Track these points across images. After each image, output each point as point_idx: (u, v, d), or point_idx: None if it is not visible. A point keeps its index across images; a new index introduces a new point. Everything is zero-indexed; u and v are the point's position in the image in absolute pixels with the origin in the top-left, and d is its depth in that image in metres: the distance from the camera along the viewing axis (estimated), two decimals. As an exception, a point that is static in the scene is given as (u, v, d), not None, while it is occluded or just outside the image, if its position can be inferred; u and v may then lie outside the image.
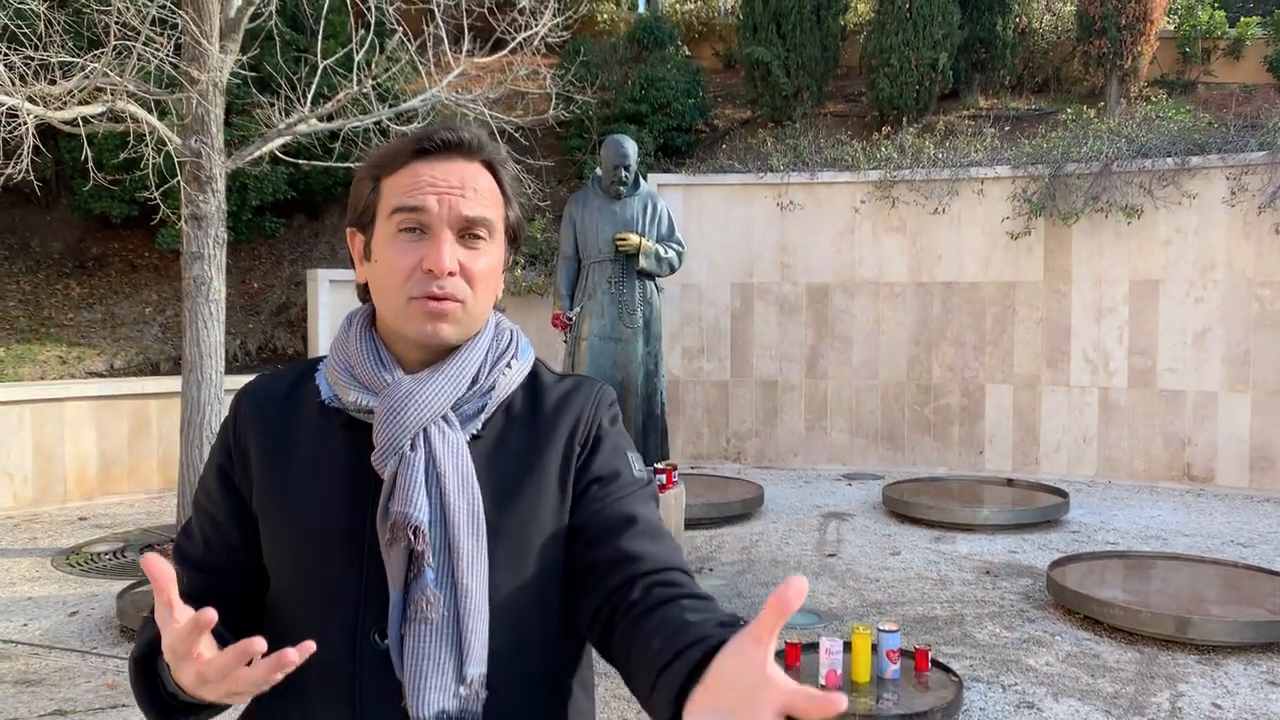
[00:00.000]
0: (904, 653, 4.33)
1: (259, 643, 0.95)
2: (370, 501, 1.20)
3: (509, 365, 1.28)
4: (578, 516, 1.26)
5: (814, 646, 4.34)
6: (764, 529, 7.23)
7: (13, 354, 8.76)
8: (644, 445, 5.97)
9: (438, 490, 1.18)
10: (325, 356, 1.33)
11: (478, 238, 1.23)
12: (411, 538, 1.15)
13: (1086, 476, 9.18)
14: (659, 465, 5.88)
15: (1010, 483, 8.45)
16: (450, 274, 1.19)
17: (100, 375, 9.00)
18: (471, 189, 1.23)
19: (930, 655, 4.28)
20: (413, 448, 1.18)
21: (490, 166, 1.27)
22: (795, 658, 4.26)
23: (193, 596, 1.23)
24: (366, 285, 1.29)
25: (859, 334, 9.86)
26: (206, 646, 1.01)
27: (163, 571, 0.96)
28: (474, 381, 1.25)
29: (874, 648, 4.18)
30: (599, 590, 1.20)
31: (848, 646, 4.25)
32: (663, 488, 5.75)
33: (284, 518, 1.23)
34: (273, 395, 1.31)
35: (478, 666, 1.16)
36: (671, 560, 1.22)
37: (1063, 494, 7.69)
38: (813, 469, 9.78)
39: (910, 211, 9.68)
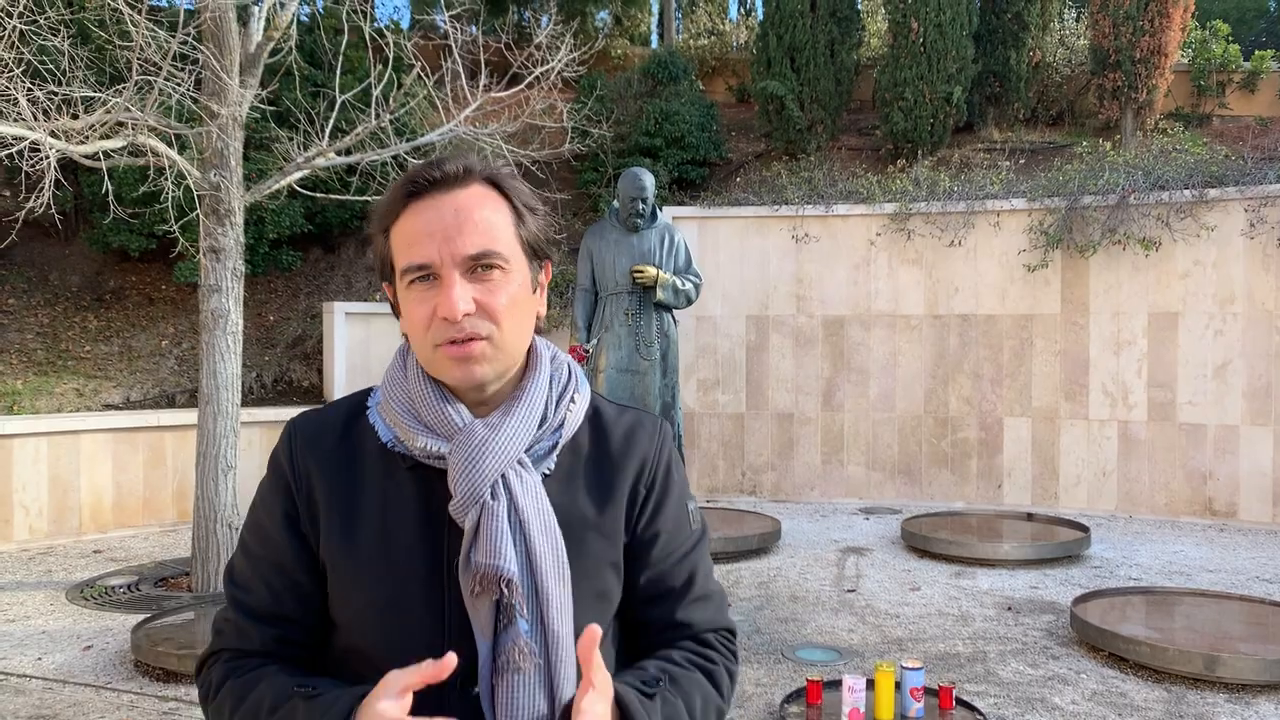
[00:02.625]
0: (928, 690, 4.26)
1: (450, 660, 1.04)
2: (447, 548, 1.18)
3: (573, 400, 1.27)
4: (639, 571, 1.26)
5: (836, 684, 4.27)
6: (781, 564, 7.16)
7: (30, 386, 8.79)
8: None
9: (522, 537, 1.16)
10: (371, 390, 1.31)
11: (490, 268, 1.18)
12: (504, 590, 1.13)
13: (1107, 511, 9.07)
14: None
15: (1030, 517, 8.36)
16: (466, 315, 1.16)
17: (116, 408, 9.02)
18: (470, 223, 1.18)
19: (954, 693, 4.21)
20: (493, 496, 1.16)
21: (494, 183, 1.23)
22: (817, 695, 4.19)
23: (266, 653, 1.21)
24: None
25: (875, 367, 9.82)
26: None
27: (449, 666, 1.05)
28: (543, 420, 1.23)
29: (897, 685, 4.12)
30: (643, 641, 1.25)
31: (870, 684, 4.18)
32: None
33: (356, 566, 1.20)
34: (326, 434, 1.27)
35: None
36: (715, 622, 1.32)
37: (1084, 529, 7.60)
38: (829, 503, 9.71)
39: (926, 244, 9.66)
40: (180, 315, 10.36)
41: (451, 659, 1.01)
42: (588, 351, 5.93)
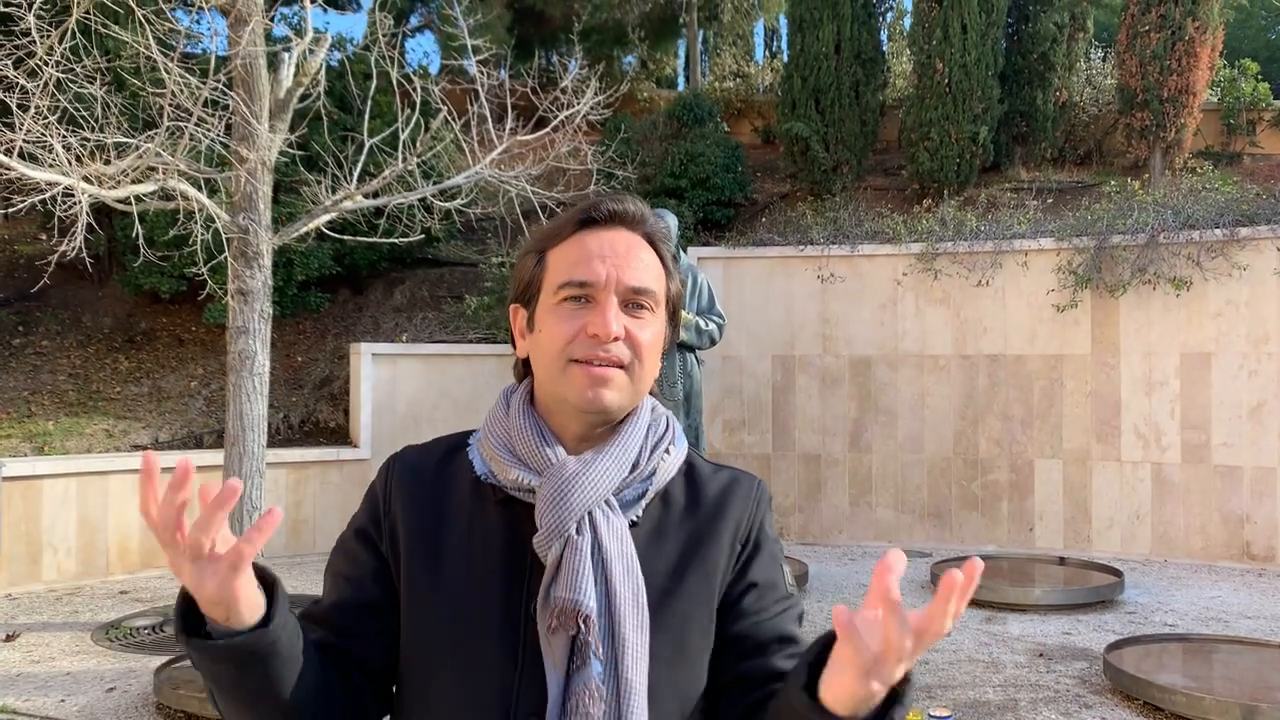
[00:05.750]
0: (956, 740, 4.16)
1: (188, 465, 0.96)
2: (528, 584, 1.18)
3: (667, 451, 1.26)
4: (732, 624, 1.25)
5: (862, 733, 4.18)
6: (808, 608, 7.06)
7: (61, 427, 8.88)
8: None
9: (603, 577, 1.16)
10: (474, 431, 1.33)
11: (642, 307, 1.23)
12: (582, 626, 1.13)
13: (1141, 555, 8.90)
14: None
15: (1062, 561, 8.21)
16: (616, 339, 1.18)
17: (145, 448, 9.09)
18: (638, 259, 1.23)
19: (984, 743, 4.11)
20: (578, 531, 1.16)
21: (651, 240, 1.27)
22: (842, 744, 4.10)
23: (307, 649, 1.21)
24: (525, 361, 1.30)
25: (903, 407, 9.73)
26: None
27: (187, 468, 0.98)
28: (634, 465, 1.23)
29: (925, 735, 4.02)
30: (745, 700, 1.20)
31: (897, 733, 4.08)
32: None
33: (435, 594, 1.21)
34: (424, 466, 1.29)
35: None
36: None
37: (1117, 573, 7.45)
38: (858, 546, 9.59)
39: (953, 284, 9.61)
40: (210, 356, 10.46)
41: (234, 484, 1.00)
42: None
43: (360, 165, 6.96)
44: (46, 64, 5.83)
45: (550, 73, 8.29)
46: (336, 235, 7.63)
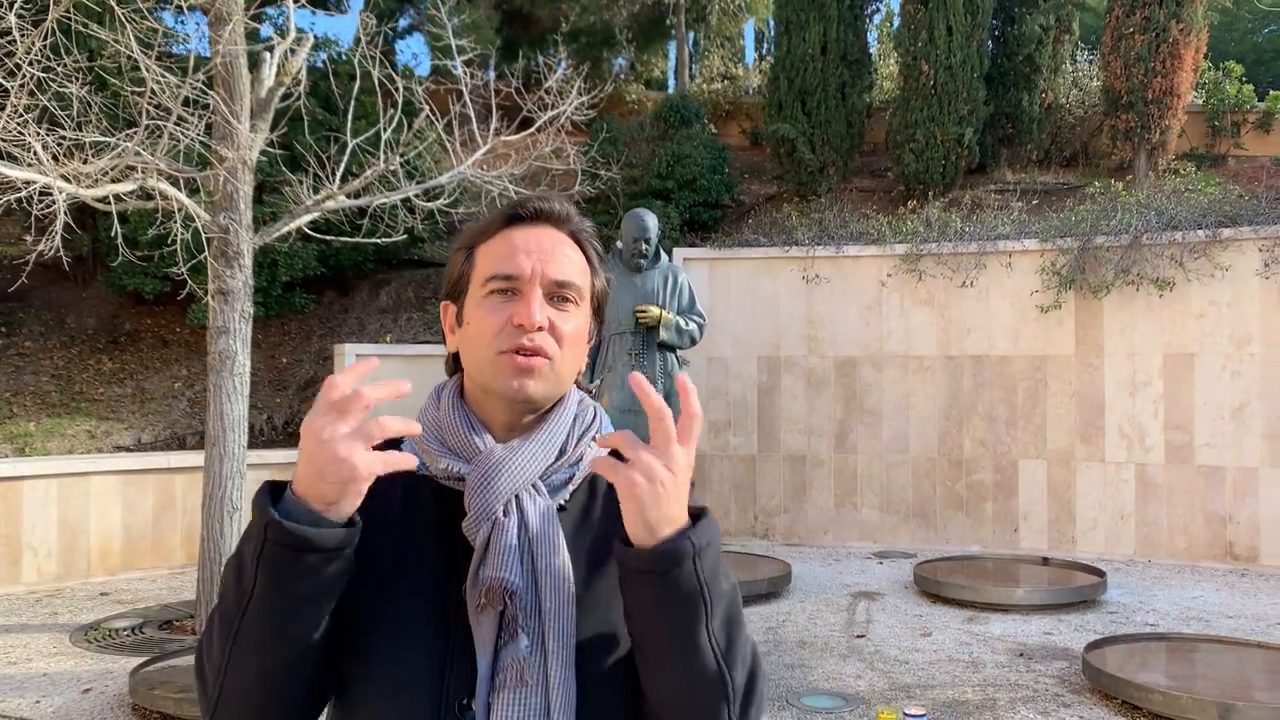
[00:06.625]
0: (933, 739, 4.15)
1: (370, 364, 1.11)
2: (459, 569, 1.22)
3: (594, 439, 1.31)
4: None
5: (838, 732, 4.18)
6: (791, 608, 7.06)
7: (43, 428, 8.83)
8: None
9: (529, 556, 1.20)
10: None
11: (566, 300, 1.28)
12: (508, 602, 1.17)
13: (1125, 555, 8.92)
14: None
15: (1046, 561, 8.22)
16: (540, 329, 1.23)
17: (128, 450, 9.05)
18: (563, 254, 1.29)
19: (960, 742, 4.11)
20: (505, 514, 1.21)
21: (577, 238, 1.33)
22: (819, 744, 4.09)
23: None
24: (454, 357, 1.35)
25: (888, 408, 9.74)
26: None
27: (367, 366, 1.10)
28: (561, 452, 1.27)
29: (901, 734, 4.01)
30: None
31: (873, 732, 4.09)
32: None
33: (370, 584, 1.23)
34: None
35: None
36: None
37: (1100, 573, 7.46)
38: (843, 546, 9.59)
39: (938, 284, 9.62)
40: (194, 357, 10.42)
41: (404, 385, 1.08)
42: (590, 392, 5.91)
43: (343, 165, 6.94)
44: (23, 63, 5.80)
45: (537, 74, 8.28)
46: (320, 236, 7.60)
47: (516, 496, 1.22)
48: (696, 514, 1.17)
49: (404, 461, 1.09)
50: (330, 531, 1.08)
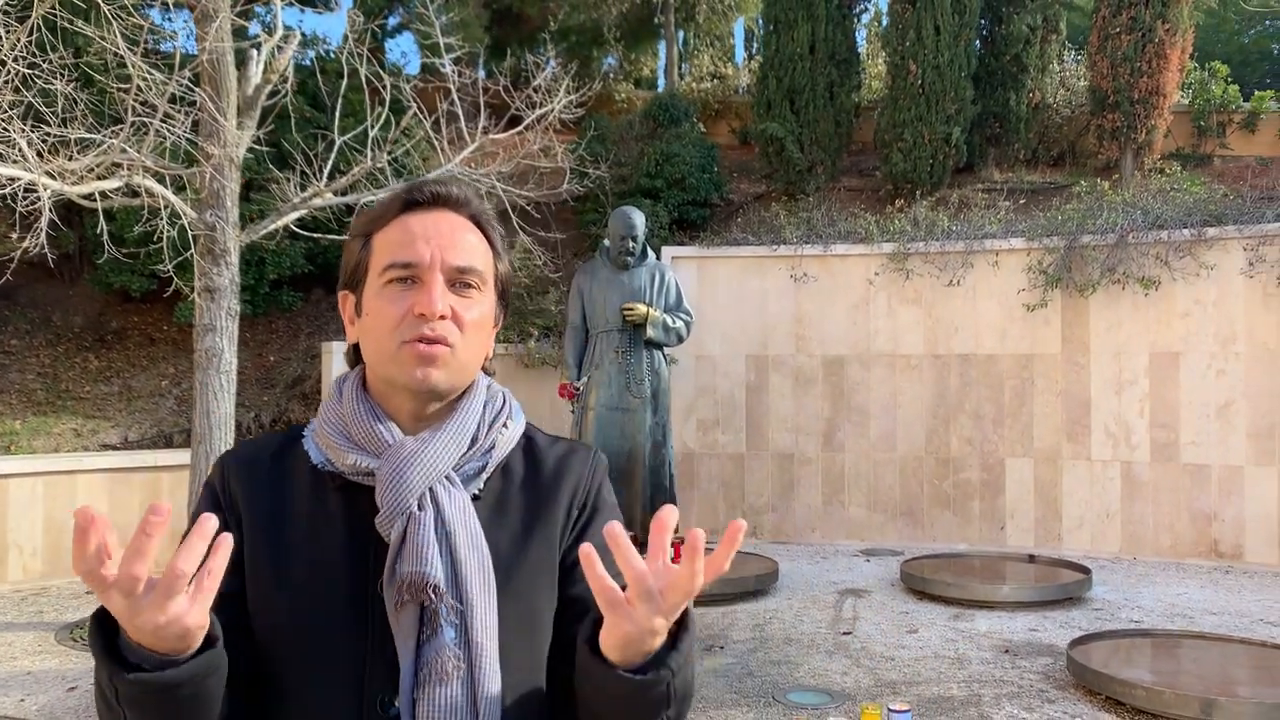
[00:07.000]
0: (917, 735, 4.18)
1: (163, 510, 0.90)
2: (372, 565, 1.19)
3: (505, 425, 1.29)
4: (570, 587, 1.27)
5: (823, 727, 4.20)
6: (778, 606, 7.08)
7: (29, 427, 8.80)
8: (653, 517, 5.86)
9: (448, 548, 1.17)
10: (308, 423, 1.33)
11: (469, 286, 1.24)
12: (432, 596, 1.14)
13: (1111, 553, 8.96)
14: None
15: (1032, 559, 8.25)
16: (442, 317, 1.19)
17: (115, 448, 9.01)
18: (463, 239, 1.24)
19: (944, 737, 4.13)
20: (420, 507, 1.18)
21: (477, 222, 1.29)
22: (803, 739, 4.11)
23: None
24: (356, 347, 1.30)
25: (876, 406, 9.76)
26: (113, 567, 0.93)
27: (89, 516, 0.90)
28: (473, 441, 1.25)
29: (885, 729, 4.04)
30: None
31: (858, 728, 4.10)
32: (672, 561, 5.64)
33: (280, 586, 1.20)
34: (259, 460, 1.29)
35: None
36: None
37: (1085, 570, 7.50)
38: (831, 544, 9.62)
39: (925, 283, 9.65)
40: (181, 356, 10.39)
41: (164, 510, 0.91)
42: (578, 389, 5.91)
43: (331, 163, 6.93)
44: (8, 59, 5.78)
45: (525, 72, 8.27)
46: (307, 234, 7.59)
47: (431, 489, 1.19)
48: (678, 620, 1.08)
49: (215, 583, 0.96)
50: (190, 666, 1.00)
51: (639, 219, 5.98)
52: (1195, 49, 12.43)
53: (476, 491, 1.24)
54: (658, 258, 6.20)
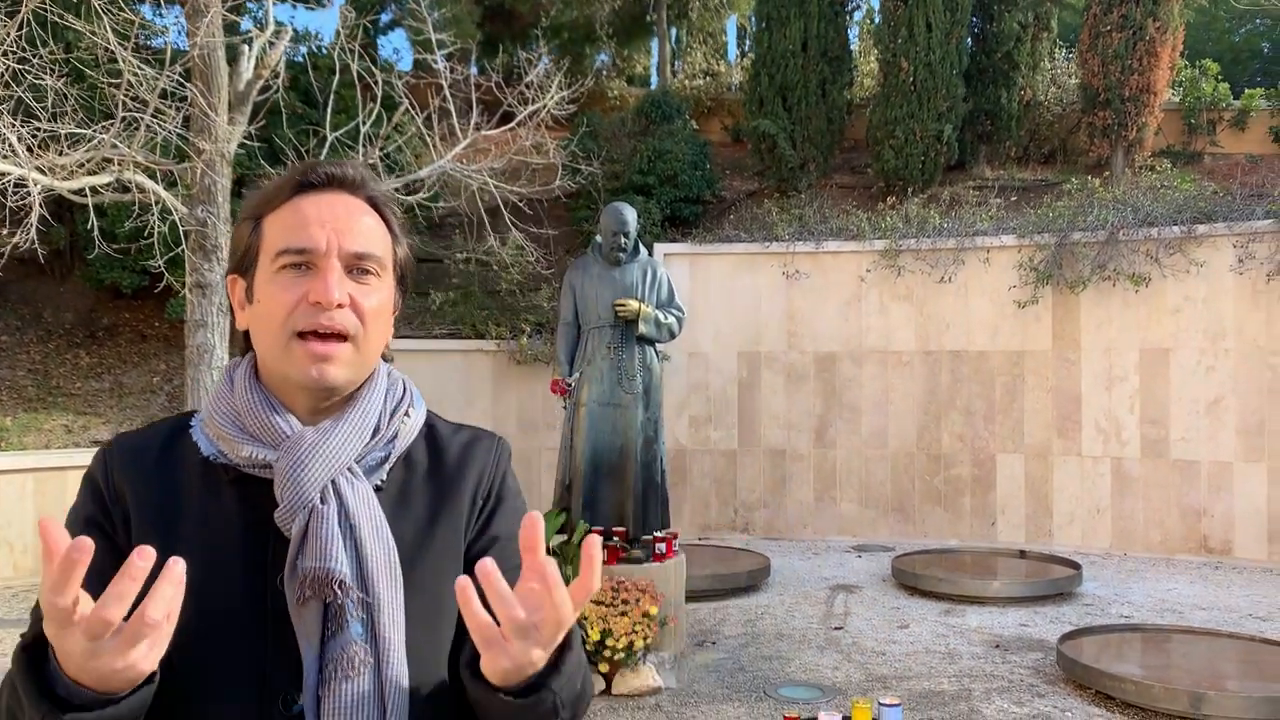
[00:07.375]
0: (907, 728, 4.19)
1: (147, 554, 0.87)
2: (270, 561, 1.13)
3: (406, 414, 1.25)
4: (475, 578, 1.22)
5: (814, 722, 4.21)
6: (770, 601, 7.09)
7: (19, 423, 8.77)
8: (644, 514, 5.86)
9: (353, 542, 1.12)
10: (195, 412, 1.27)
11: (367, 273, 1.18)
12: (338, 591, 1.10)
13: (1101, 548, 9.00)
14: (659, 534, 5.78)
15: (1023, 554, 8.29)
16: (339, 306, 1.14)
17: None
18: (360, 223, 1.19)
19: (934, 731, 4.14)
20: (323, 501, 1.13)
21: (374, 204, 1.23)
22: (794, 733, 4.12)
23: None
24: (246, 335, 1.23)
25: (867, 403, 9.79)
26: (86, 604, 0.89)
27: (57, 536, 0.85)
28: (375, 431, 1.20)
29: (875, 723, 4.05)
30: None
31: (848, 721, 4.12)
32: (662, 557, 5.66)
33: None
34: (145, 452, 1.21)
35: None
36: None
37: (1075, 566, 7.53)
38: (823, 540, 9.64)
39: (916, 280, 9.67)
40: (173, 352, 10.37)
41: (148, 556, 0.89)
42: (569, 385, 5.90)
43: (322, 158, 6.91)
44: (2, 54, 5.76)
45: (518, 69, 8.28)
46: (298, 229, 7.57)
47: (333, 482, 1.14)
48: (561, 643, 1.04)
49: (173, 625, 0.93)
50: (129, 703, 0.96)
51: (631, 214, 5.97)
52: (1186, 47, 12.48)
53: (379, 482, 1.20)
54: (650, 254, 6.20)
